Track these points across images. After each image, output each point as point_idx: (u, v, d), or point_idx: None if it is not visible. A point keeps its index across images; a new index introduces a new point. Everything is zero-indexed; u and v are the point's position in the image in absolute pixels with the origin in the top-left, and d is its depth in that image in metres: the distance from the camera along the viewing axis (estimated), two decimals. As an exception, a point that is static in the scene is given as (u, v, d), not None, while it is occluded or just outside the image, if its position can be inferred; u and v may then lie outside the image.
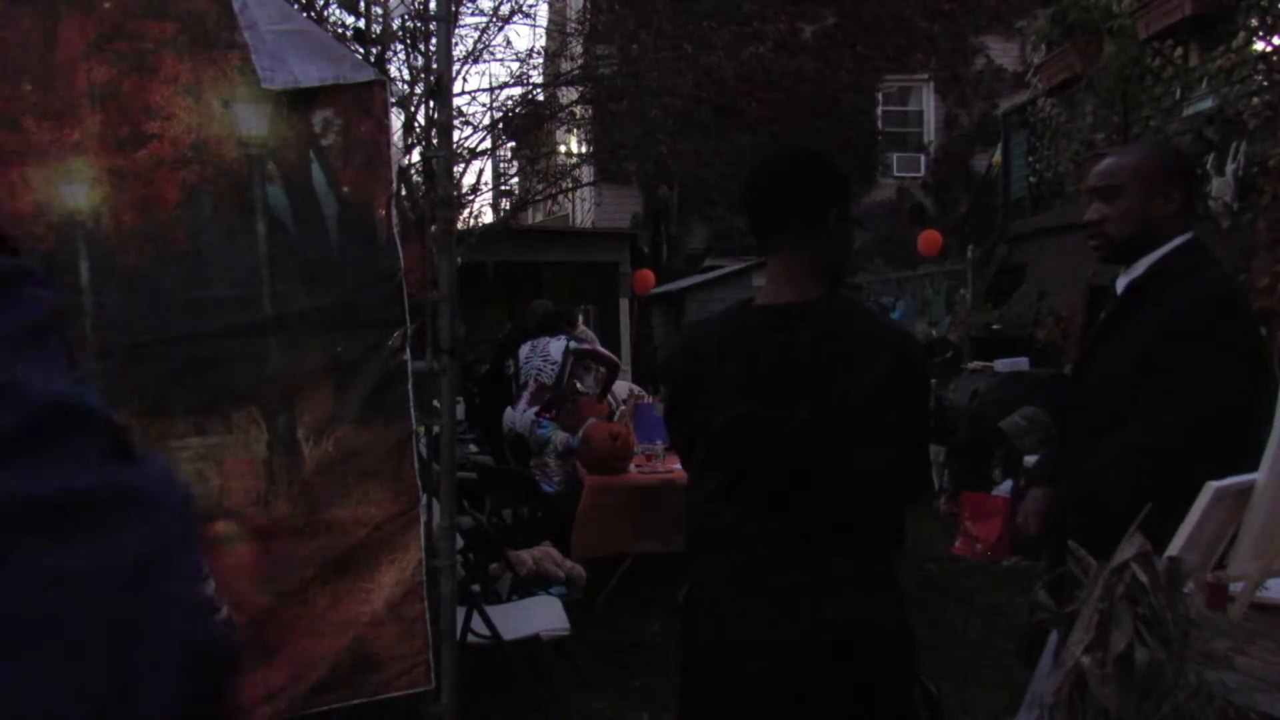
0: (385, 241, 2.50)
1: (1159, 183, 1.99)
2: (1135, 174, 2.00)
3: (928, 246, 10.15)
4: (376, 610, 2.50)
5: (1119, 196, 2.01)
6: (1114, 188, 2.01)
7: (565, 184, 9.69)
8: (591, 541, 4.75)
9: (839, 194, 1.69)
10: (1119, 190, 2.01)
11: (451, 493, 2.79)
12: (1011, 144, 9.28)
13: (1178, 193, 2.00)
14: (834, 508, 1.59)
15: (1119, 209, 2.01)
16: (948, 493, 6.58)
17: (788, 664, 1.58)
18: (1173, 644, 1.03)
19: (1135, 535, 1.09)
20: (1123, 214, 2.00)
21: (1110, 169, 2.05)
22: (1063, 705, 1.06)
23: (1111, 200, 2.02)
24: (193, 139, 2.35)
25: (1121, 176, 2.01)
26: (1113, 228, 2.02)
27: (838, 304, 1.66)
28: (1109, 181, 2.03)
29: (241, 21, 2.35)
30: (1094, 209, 2.06)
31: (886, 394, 1.57)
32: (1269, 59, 5.40)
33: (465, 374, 7.18)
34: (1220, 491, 1.35)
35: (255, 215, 2.42)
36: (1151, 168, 2.02)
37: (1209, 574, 1.39)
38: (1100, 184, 2.04)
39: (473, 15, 7.01)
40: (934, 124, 13.98)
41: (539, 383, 5.69)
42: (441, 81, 2.76)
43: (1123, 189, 2.00)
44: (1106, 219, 2.03)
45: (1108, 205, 2.02)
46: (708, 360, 1.72)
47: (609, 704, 3.66)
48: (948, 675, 3.51)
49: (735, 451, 1.64)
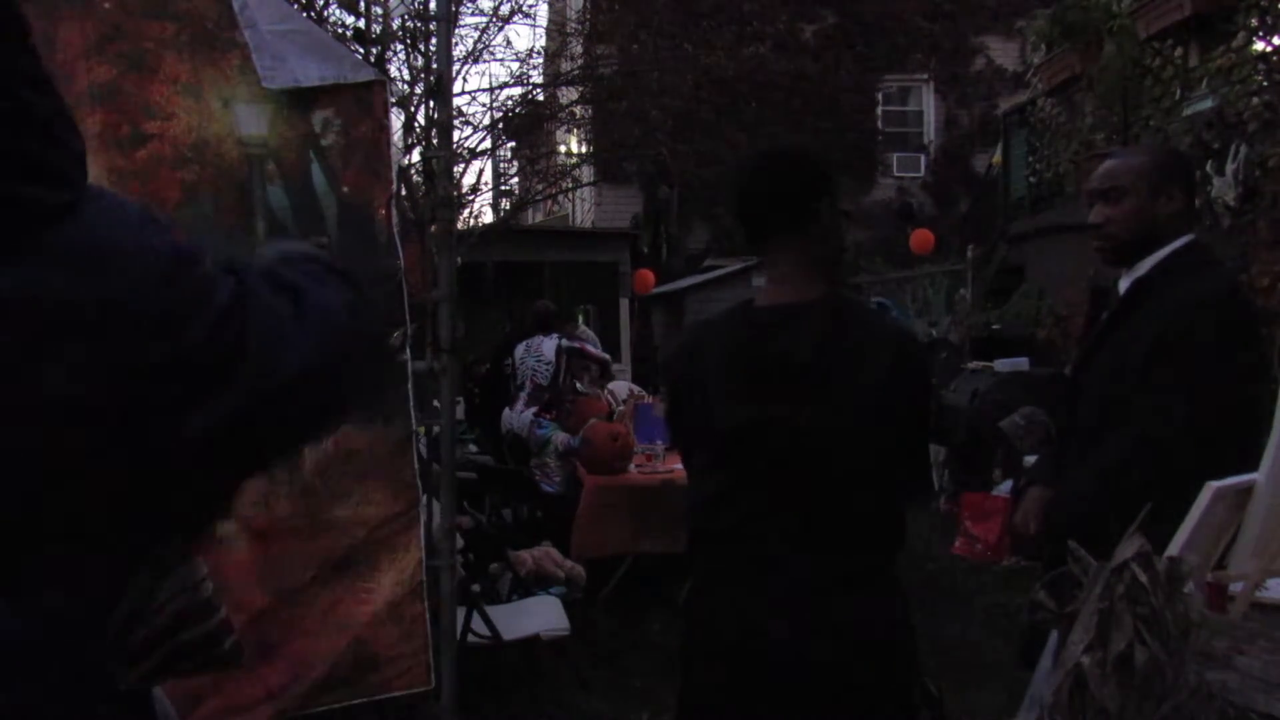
0: (385, 241, 2.50)
1: (1161, 183, 1.99)
2: (1138, 175, 2.00)
3: (920, 245, 10.16)
4: (376, 610, 2.51)
5: (1123, 198, 2.00)
6: (1117, 189, 2.01)
7: (565, 184, 9.71)
8: (591, 541, 4.75)
9: (826, 186, 1.68)
10: (1122, 192, 2.00)
11: (451, 493, 2.79)
12: (1011, 144, 9.28)
13: (1179, 193, 2.00)
14: (835, 508, 1.59)
15: (1123, 211, 2.00)
16: (948, 493, 6.58)
17: (788, 664, 1.58)
18: (1173, 644, 1.03)
19: (1135, 535, 1.09)
20: (1127, 215, 2.00)
21: (1112, 171, 2.05)
22: (1063, 705, 1.06)
23: (1115, 202, 2.01)
24: (193, 139, 2.35)
25: (1124, 178, 2.01)
26: (1117, 229, 2.02)
27: (838, 304, 1.66)
28: (1112, 183, 2.02)
29: (241, 21, 2.35)
30: (1097, 212, 2.05)
31: (887, 394, 1.57)
32: (1269, 59, 5.40)
33: (466, 374, 7.19)
34: (1220, 491, 1.35)
35: (255, 215, 2.42)
36: (1153, 168, 2.02)
37: (1209, 574, 1.39)
38: (1103, 186, 2.04)
39: (473, 15, 7.03)
40: (934, 124, 13.98)
41: (535, 383, 5.71)
42: (441, 81, 2.76)
43: (1126, 190, 2.00)
44: (1110, 221, 2.02)
45: (1111, 207, 2.02)
46: (709, 361, 1.72)
47: (609, 704, 3.66)
48: (948, 675, 3.50)
49: (737, 452, 1.64)
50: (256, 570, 2.39)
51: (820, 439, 1.57)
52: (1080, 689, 1.05)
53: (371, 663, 2.51)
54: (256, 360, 0.82)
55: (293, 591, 2.42)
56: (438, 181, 2.80)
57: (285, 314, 0.87)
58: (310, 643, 2.44)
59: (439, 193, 2.79)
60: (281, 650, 2.41)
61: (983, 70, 13.75)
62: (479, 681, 3.43)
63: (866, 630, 1.59)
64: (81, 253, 0.75)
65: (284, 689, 2.40)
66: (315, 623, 2.45)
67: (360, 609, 2.49)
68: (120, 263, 0.77)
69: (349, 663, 2.48)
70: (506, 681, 3.66)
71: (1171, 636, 1.04)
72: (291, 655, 2.42)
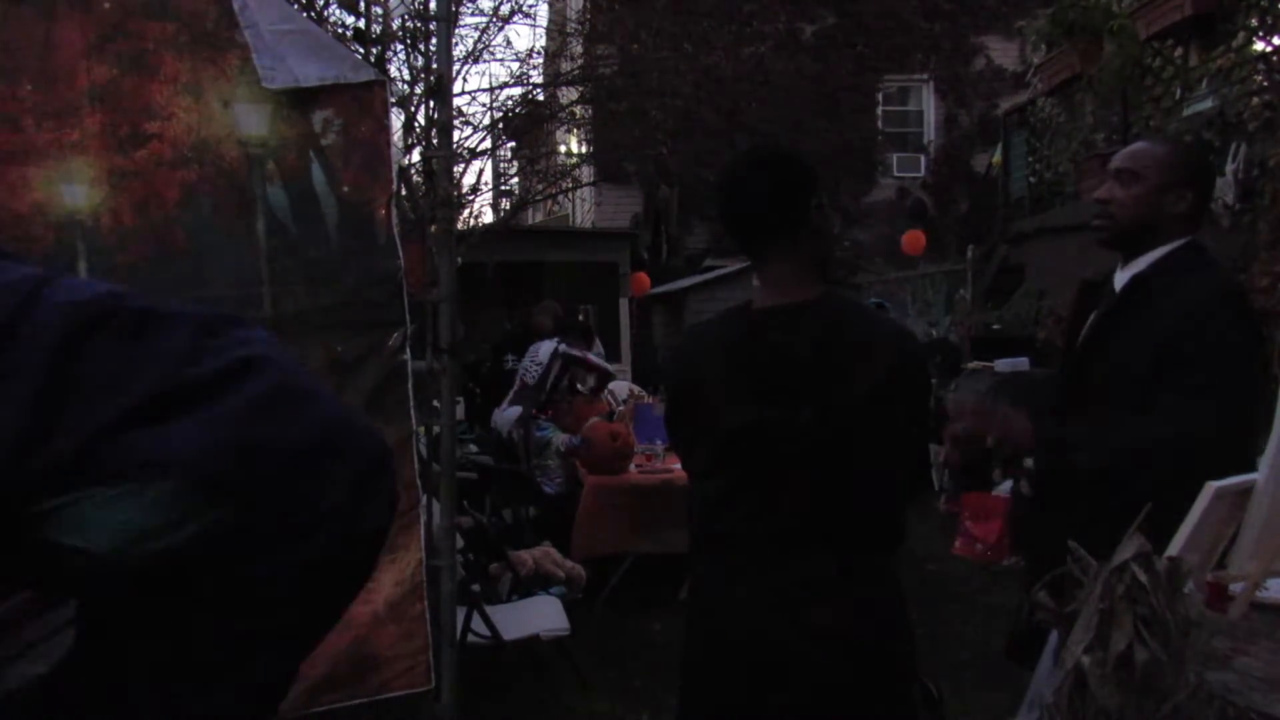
0: (385, 241, 2.50)
1: (1176, 179, 1.99)
2: (1155, 164, 2.01)
3: (912, 246, 10.15)
4: (377, 610, 2.50)
5: (1135, 182, 2.00)
6: (1133, 172, 2.01)
7: (565, 184, 9.70)
8: (591, 541, 4.75)
9: (814, 186, 1.68)
10: (1137, 176, 2.01)
11: (451, 493, 2.79)
12: (1011, 144, 9.28)
13: (1190, 194, 2.00)
14: (835, 508, 1.59)
15: (1132, 194, 2.00)
16: (948, 493, 6.58)
17: (788, 664, 1.58)
18: (1173, 644, 1.03)
19: (1135, 535, 1.09)
20: (1134, 199, 2.00)
21: (1136, 152, 2.05)
22: (1063, 705, 1.06)
23: (1127, 184, 2.02)
24: (193, 139, 2.35)
25: (1144, 162, 2.01)
26: (1118, 210, 2.02)
27: (836, 304, 1.66)
28: (1130, 165, 2.03)
29: (241, 21, 2.35)
30: (1107, 188, 2.05)
31: (886, 393, 1.57)
32: (1269, 59, 5.40)
33: (469, 374, 7.19)
34: (1220, 491, 1.35)
35: (255, 215, 2.42)
36: (1174, 162, 2.02)
37: (1209, 574, 1.39)
38: (1122, 165, 2.04)
39: (473, 15, 7.02)
40: (934, 124, 13.98)
41: (523, 382, 5.76)
42: (441, 81, 2.76)
43: (1141, 175, 2.00)
44: (1115, 200, 2.03)
45: (1122, 188, 2.02)
46: (708, 363, 1.72)
47: (609, 704, 3.66)
48: (948, 675, 3.51)
49: (737, 453, 1.64)
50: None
51: (819, 439, 1.57)
52: (1080, 689, 1.05)
53: (371, 663, 2.51)
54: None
55: (293, 591, 2.42)
56: (438, 181, 2.80)
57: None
58: (310, 643, 2.44)
59: (439, 193, 2.79)
60: (281, 650, 2.41)
61: (983, 70, 13.75)
62: (479, 681, 3.43)
63: (866, 630, 1.59)
64: None
65: (284, 689, 2.40)
66: (315, 623, 2.45)
67: (360, 609, 2.48)
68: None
69: (349, 663, 2.48)
70: (506, 681, 3.66)
71: (1171, 636, 1.04)
72: (291, 655, 2.42)
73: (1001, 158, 9.56)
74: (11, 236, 2.21)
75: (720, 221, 1.73)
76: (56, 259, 2.24)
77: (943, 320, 9.08)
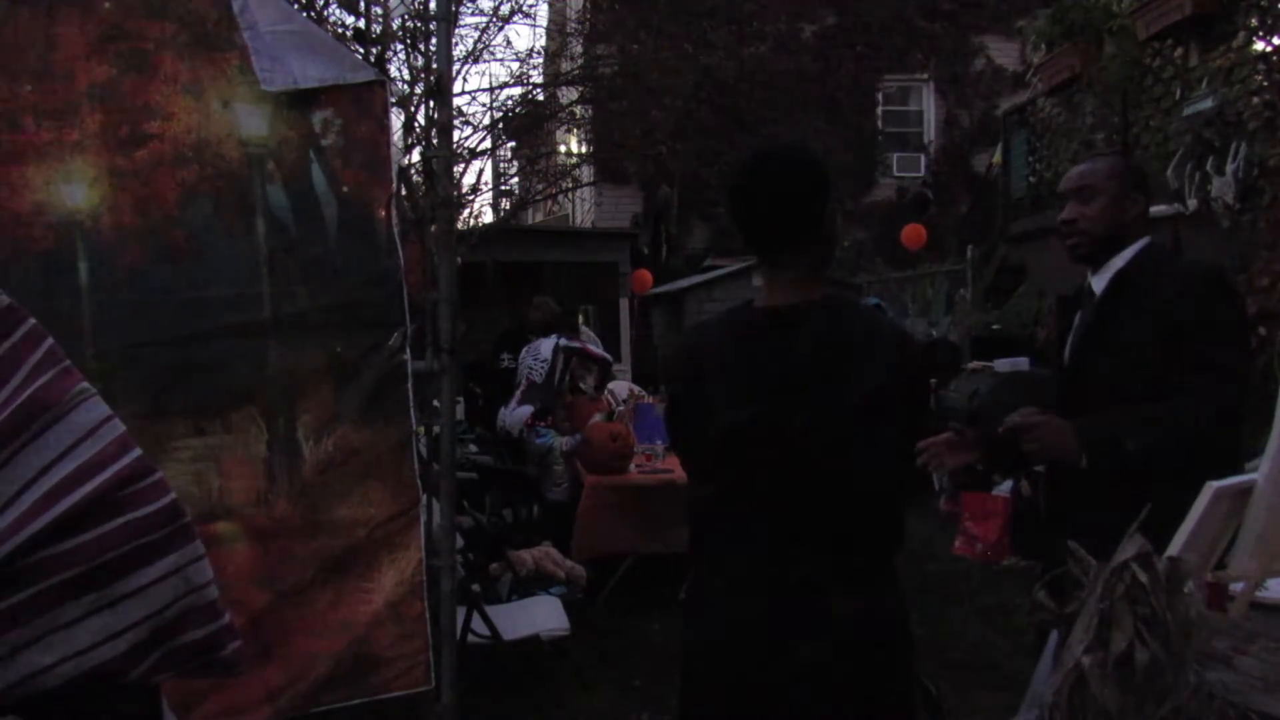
0: (385, 241, 2.50)
1: (1127, 186, 2.16)
2: (1109, 177, 2.17)
3: (912, 240, 10.13)
4: (376, 610, 2.50)
5: (1095, 197, 2.16)
6: (1089, 188, 2.17)
7: (565, 184, 9.70)
8: (592, 541, 4.75)
9: (829, 188, 1.67)
10: (1094, 191, 2.16)
11: (451, 493, 2.79)
12: (1011, 144, 9.27)
13: (1141, 197, 2.17)
14: (834, 508, 1.59)
15: (1095, 208, 2.15)
16: (948, 493, 6.58)
17: (788, 664, 1.58)
18: (1173, 644, 1.03)
19: (1135, 535, 1.09)
20: (1099, 213, 2.15)
21: (1084, 173, 2.22)
22: (1063, 705, 1.06)
23: (1088, 201, 2.16)
24: (193, 139, 2.35)
25: (1096, 178, 2.17)
26: (1089, 225, 2.16)
27: (837, 305, 1.66)
28: (1085, 183, 2.18)
29: (241, 22, 2.35)
30: (1070, 208, 2.20)
31: (886, 394, 1.57)
32: (1269, 59, 5.40)
33: (470, 373, 7.18)
34: (1220, 491, 1.36)
35: (255, 215, 2.42)
36: (1122, 172, 2.19)
37: (1209, 574, 1.39)
38: (1079, 184, 2.19)
39: (473, 15, 7.02)
40: (934, 124, 13.98)
41: (530, 380, 5.71)
42: (441, 81, 2.76)
43: (1098, 189, 2.16)
44: (1084, 217, 2.17)
45: (1084, 205, 2.17)
46: (709, 363, 1.72)
47: (609, 704, 3.66)
48: (948, 675, 3.51)
49: (737, 453, 1.64)
50: (256, 570, 2.39)
51: (819, 439, 1.57)
52: (1080, 689, 1.05)
53: (371, 663, 2.51)
54: None
55: (293, 591, 2.42)
56: (438, 181, 2.80)
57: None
58: (310, 643, 2.44)
59: (439, 193, 2.78)
60: (281, 650, 2.41)
61: (983, 70, 13.75)
62: (479, 681, 3.43)
63: (866, 630, 1.59)
64: None
65: (284, 689, 2.40)
66: (315, 623, 2.44)
67: (360, 609, 2.48)
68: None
69: (349, 663, 2.48)
70: (506, 681, 3.66)
71: (1171, 636, 1.04)
72: (291, 655, 2.42)
73: (1001, 158, 9.56)
74: (11, 236, 2.21)
75: (731, 218, 1.70)
76: (56, 259, 2.24)
77: (943, 320, 9.08)
